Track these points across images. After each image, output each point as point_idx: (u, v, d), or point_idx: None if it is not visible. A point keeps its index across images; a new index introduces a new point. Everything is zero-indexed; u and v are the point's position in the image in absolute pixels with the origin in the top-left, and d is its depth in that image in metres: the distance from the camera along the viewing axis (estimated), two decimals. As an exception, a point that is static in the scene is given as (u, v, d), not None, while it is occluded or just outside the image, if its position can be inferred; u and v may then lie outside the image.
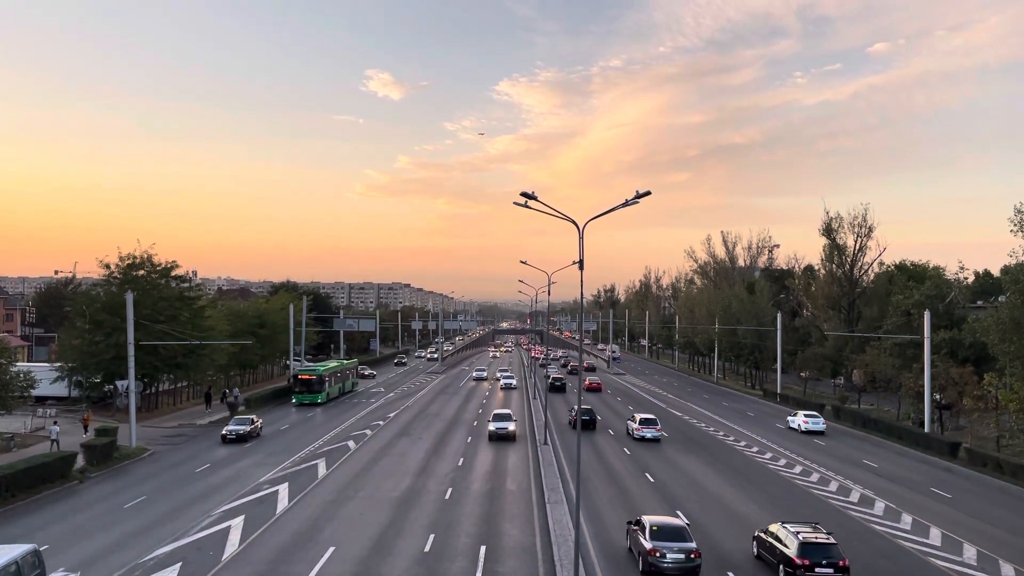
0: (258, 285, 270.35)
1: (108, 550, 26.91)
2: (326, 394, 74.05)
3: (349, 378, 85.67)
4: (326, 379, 74.67)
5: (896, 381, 65.94)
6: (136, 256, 61.81)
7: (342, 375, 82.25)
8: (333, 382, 77.63)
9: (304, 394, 72.50)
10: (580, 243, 25.92)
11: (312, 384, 72.67)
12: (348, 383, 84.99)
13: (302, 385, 72.85)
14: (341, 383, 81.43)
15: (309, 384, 72.66)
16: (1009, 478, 43.09)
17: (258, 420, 54.09)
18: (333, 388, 77.53)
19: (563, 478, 39.35)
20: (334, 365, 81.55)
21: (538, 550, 27.13)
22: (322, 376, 73.87)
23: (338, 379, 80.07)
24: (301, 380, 73.34)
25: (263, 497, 34.80)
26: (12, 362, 49.81)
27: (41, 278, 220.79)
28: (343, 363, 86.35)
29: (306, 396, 72.30)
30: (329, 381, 75.71)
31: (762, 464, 45.71)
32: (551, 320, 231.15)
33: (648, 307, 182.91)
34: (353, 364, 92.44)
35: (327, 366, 79.20)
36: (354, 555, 26.14)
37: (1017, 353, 46.91)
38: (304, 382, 73.04)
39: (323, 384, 73.46)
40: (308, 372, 74.74)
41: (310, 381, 72.89)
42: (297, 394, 72.80)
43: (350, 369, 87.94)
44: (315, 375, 73.52)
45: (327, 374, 75.60)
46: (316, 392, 72.46)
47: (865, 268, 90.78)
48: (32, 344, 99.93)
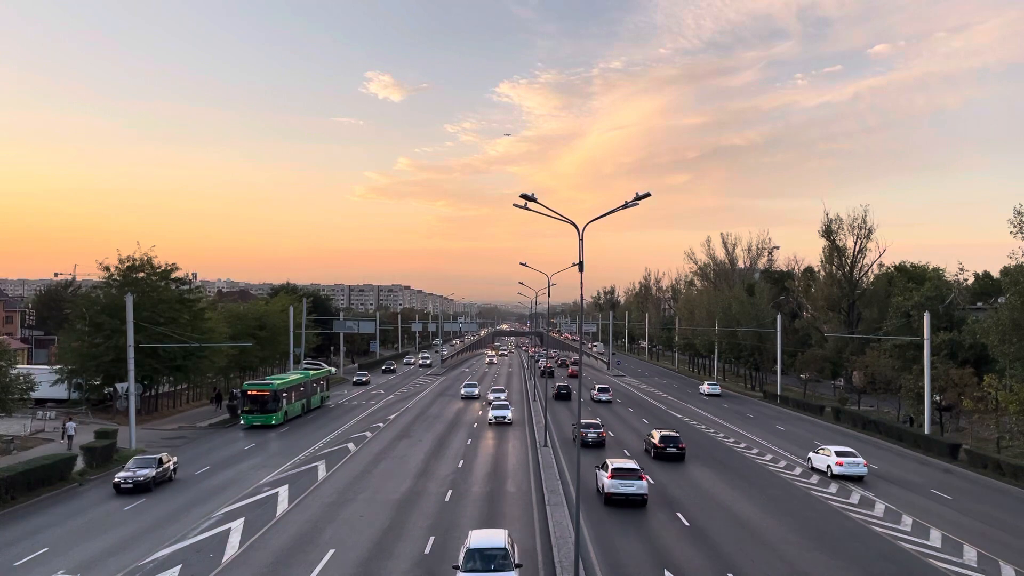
0: (258, 287, 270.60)
1: (108, 552, 26.89)
2: (283, 413, 61.10)
3: (318, 391, 72.60)
4: (283, 395, 61.43)
5: (896, 383, 65.95)
6: (136, 258, 61.87)
7: (307, 388, 68.87)
8: (294, 397, 64.54)
9: (255, 414, 58.97)
10: (580, 245, 25.93)
11: (265, 401, 59.16)
12: (317, 397, 72.17)
13: (252, 403, 59.06)
14: (306, 398, 68.13)
15: (261, 402, 59.08)
16: (1009, 479, 43.07)
17: (170, 459, 39.71)
18: (294, 405, 64.48)
19: (563, 480, 39.33)
20: (296, 377, 67.35)
21: (538, 552, 27.11)
22: (278, 392, 60.19)
23: (301, 394, 66.67)
24: (250, 397, 59.32)
25: (263, 499, 34.78)
26: (12, 364, 49.82)
27: (41, 280, 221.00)
28: (308, 374, 71.92)
29: (257, 417, 58.86)
30: (288, 397, 62.69)
31: (762, 466, 45.70)
32: (551, 322, 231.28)
33: (648, 309, 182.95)
34: (324, 374, 77.78)
35: (286, 379, 64.56)
36: (354, 557, 26.12)
37: (1017, 354, 46.94)
38: (254, 399, 59.16)
39: (279, 402, 60.17)
40: (259, 387, 60.35)
41: (262, 398, 59.13)
42: (246, 414, 59.09)
43: (319, 380, 73.96)
44: (268, 390, 59.58)
45: (285, 389, 62.33)
46: (270, 412, 59.07)
47: (865, 270, 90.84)
48: (32, 346, 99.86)
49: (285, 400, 61.69)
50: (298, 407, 65.40)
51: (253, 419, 58.93)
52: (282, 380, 63.21)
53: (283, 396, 61.35)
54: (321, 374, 75.67)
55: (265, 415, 59.03)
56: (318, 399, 72.54)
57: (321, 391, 73.70)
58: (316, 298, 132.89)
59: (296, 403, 64.83)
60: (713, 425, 64.47)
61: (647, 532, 30.03)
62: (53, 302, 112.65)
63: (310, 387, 69.75)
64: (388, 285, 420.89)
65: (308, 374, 71.33)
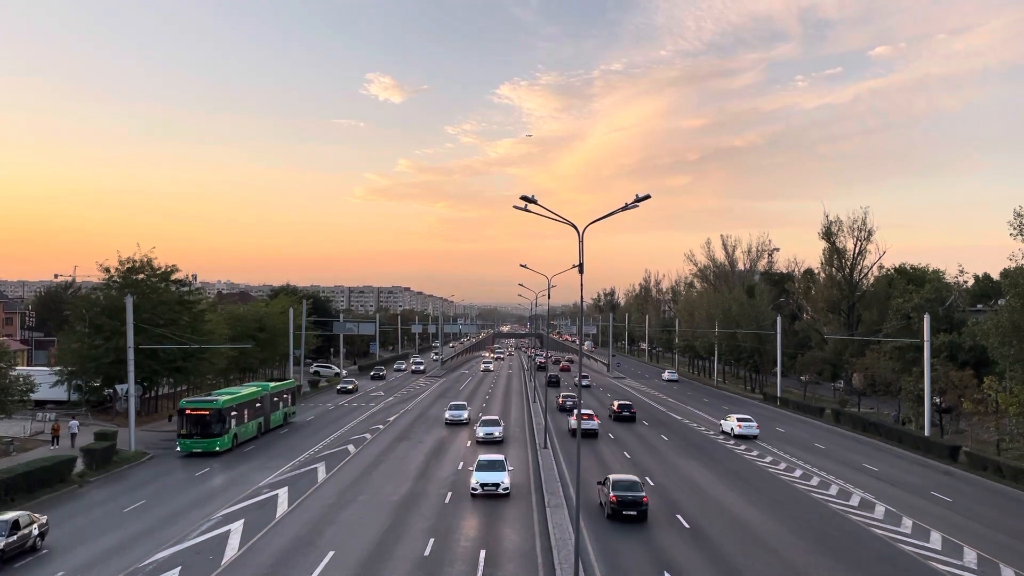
0: (258, 289, 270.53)
1: (107, 554, 26.88)
2: (231, 437, 49.42)
3: (280, 407, 60.50)
4: (232, 414, 49.86)
5: (896, 385, 65.96)
6: (136, 260, 61.89)
7: (265, 404, 56.91)
8: (247, 416, 52.74)
9: (194, 439, 47.36)
10: (580, 247, 25.94)
11: (207, 423, 47.50)
12: (278, 414, 59.95)
13: (191, 425, 47.58)
14: (263, 416, 56.16)
15: (202, 424, 47.51)
16: (1009, 482, 43.03)
17: (33, 521, 27.48)
18: (247, 426, 52.71)
19: (563, 482, 39.32)
20: (250, 391, 55.58)
21: (538, 554, 27.10)
22: (224, 410, 48.35)
23: (257, 411, 54.89)
24: (189, 418, 47.73)
25: (263, 501, 34.78)
26: (12, 366, 49.86)
27: (41, 282, 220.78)
28: (268, 386, 59.95)
29: (198, 443, 47.27)
30: (238, 416, 51.11)
31: (762, 468, 45.68)
32: (551, 323, 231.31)
33: (648, 311, 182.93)
34: (288, 386, 64.64)
35: (236, 394, 53.12)
36: (354, 559, 26.11)
37: (1017, 356, 46.90)
38: (194, 420, 47.57)
39: (226, 423, 48.55)
40: (199, 404, 48.55)
41: (204, 419, 47.60)
42: (183, 439, 47.54)
43: (282, 393, 61.73)
44: (211, 408, 47.90)
45: (235, 406, 50.59)
46: (214, 436, 47.44)
47: (865, 271, 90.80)
48: (32, 348, 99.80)
49: (234, 420, 50.18)
50: (252, 428, 53.76)
51: (192, 445, 47.25)
52: (231, 396, 51.66)
53: (231, 416, 49.62)
54: (283, 387, 63.14)
55: (207, 440, 47.29)
56: (280, 416, 60.31)
57: (285, 406, 61.68)
58: (316, 300, 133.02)
59: (250, 423, 53.23)
60: (714, 428, 64.36)
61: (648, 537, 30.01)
62: (53, 303, 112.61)
63: (269, 403, 57.69)
64: (388, 287, 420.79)
65: (267, 386, 59.52)
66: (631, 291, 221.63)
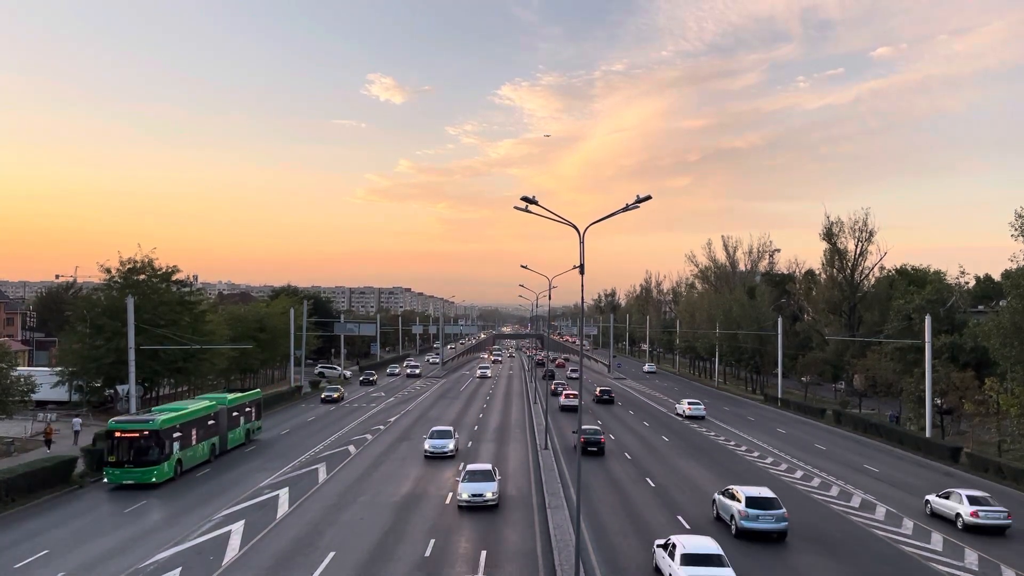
0: (259, 289, 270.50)
1: (108, 555, 26.90)
2: (174, 463, 39.87)
3: (241, 423, 51.08)
4: (174, 436, 40.28)
5: (897, 386, 65.92)
6: (137, 260, 61.93)
7: (219, 422, 47.21)
8: (196, 437, 43.13)
9: (125, 468, 37.82)
10: (581, 247, 25.95)
11: (142, 448, 38.03)
12: (238, 432, 50.54)
13: (123, 451, 37.94)
14: (216, 436, 46.55)
15: (136, 449, 37.97)
16: (1010, 483, 42.99)
17: None
18: (195, 449, 43.14)
19: (563, 483, 39.33)
20: (200, 407, 45.13)
21: (538, 555, 27.11)
22: (161, 432, 38.70)
23: (209, 430, 45.43)
24: (119, 441, 38.00)
25: (264, 502, 34.80)
26: (12, 366, 49.90)
27: (42, 282, 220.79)
28: (225, 399, 49.25)
29: (129, 473, 37.81)
30: (184, 438, 41.46)
31: (763, 469, 45.65)
32: (552, 324, 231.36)
33: (649, 311, 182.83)
34: (250, 398, 53.93)
35: (181, 410, 42.68)
36: (354, 560, 26.12)
37: (1018, 358, 46.88)
38: (126, 445, 37.98)
39: (166, 447, 39.00)
40: (132, 426, 38.59)
41: (138, 443, 38.01)
42: (111, 468, 37.90)
43: (243, 407, 51.82)
44: (147, 430, 38.29)
45: (177, 426, 40.75)
46: (150, 463, 38.02)
47: (866, 272, 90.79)
48: (32, 348, 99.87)
49: (178, 443, 40.65)
50: (204, 450, 44.42)
51: (122, 476, 37.75)
52: (174, 413, 41.74)
53: (174, 437, 40.25)
54: (244, 399, 52.58)
55: (142, 469, 37.79)
56: (240, 434, 50.94)
57: (247, 421, 52.48)
58: (317, 300, 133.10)
59: (201, 445, 43.87)
60: (714, 429, 64.38)
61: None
62: (54, 304, 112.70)
63: (226, 418, 48.25)
64: (389, 287, 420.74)
65: (224, 399, 49.14)
66: (632, 292, 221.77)
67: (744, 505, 29.95)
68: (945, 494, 34.59)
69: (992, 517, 32.31)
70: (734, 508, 30.43)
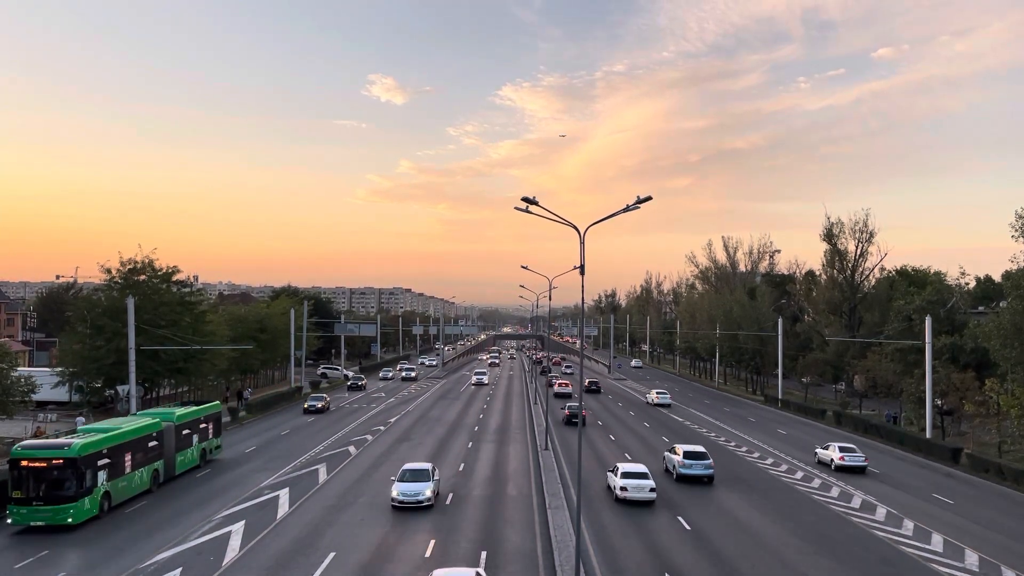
0: (259, 290, 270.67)
1: (108, 555, 26.91)
2: (98, 498, 32.20)
3: (194, 442, 42.95)
4: (97, 464, 32.44)
5: (897, 387, 65.90)
6: (137, 261, 61.89)
7: (164, 443, 39.54)
8: (130, 463, 35.53)
9: (33, 507, 30.39)
10: (581, 248, 25.94)
11: (56, 480, 30.74)
12: (190, 453, 42.45)
13: (32, 483, 30.55)
14: (160, 460, 38.91)
15: (49, 481, 30.72)
16: (1011, 484, 43.00)
17: None
18: (130, 478, 35.58)
19: (564, 483, 39.33)
20: (135, 427, 37.16)
21: (539, 555, 27.11)
22: (81, 460, 31.16)
23: (149, 453, 37.73)
24: (27, 472, 30.64)
25: (264, 502, 34.80)
26: (13, 367, 49.92)
27: (42, 283, 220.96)
28: (171, 415, 41.17)
29: (39, 512, 30.38)
30: (112, 465, 33.65)
31: (763, 470, 45.66)
32: (552, 325, 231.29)
33: (649, 312, 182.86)
34: (207, 412, 45.85)
35: (110, 431, 34.99)
36: (355, 561, 26.12)
37: (1019, 359, 46.89)
38: (36, 476, 30.68)
39: (85, 479, 31.29)
40: (43, 453, 31.17)
41: (50, 474, 30.76)
42: (16, 507, 30.39)
43: (196, 423, 43.69)
44: (60, 458, 30.95)
45: (104, 451, 33.10)
46: (66, 500, 30.46)
47: (866, 273, 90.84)
48: (33, 349, 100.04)
49: (105, 472, 32.95)
50: (142, 478, 36.77)
51: (29, 516, 30.31)
52: (101, 435, 33.91)
53: (98, 465, 32.49)
54: (198, 413, 44.46)
55: (55, 507, 30.35)
56: (193, 455, 42.96)
57: (203, 440, 44.41)
58: (317, 301, 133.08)
59: (138, 472, 36.26)
60: (715, 429, 64.39)
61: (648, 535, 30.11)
62: (54, 304, 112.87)
63: (174, 438, 40.40)
64: (389, 288, 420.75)
65: (172, 415, 41.21)
66: (632, 292, 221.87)
67: (682, 457, 40.72)
68: (825, 446, 47.71)
69: (854, 460, 44.66)
70: (675, 460, 41.29)
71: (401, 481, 33.91)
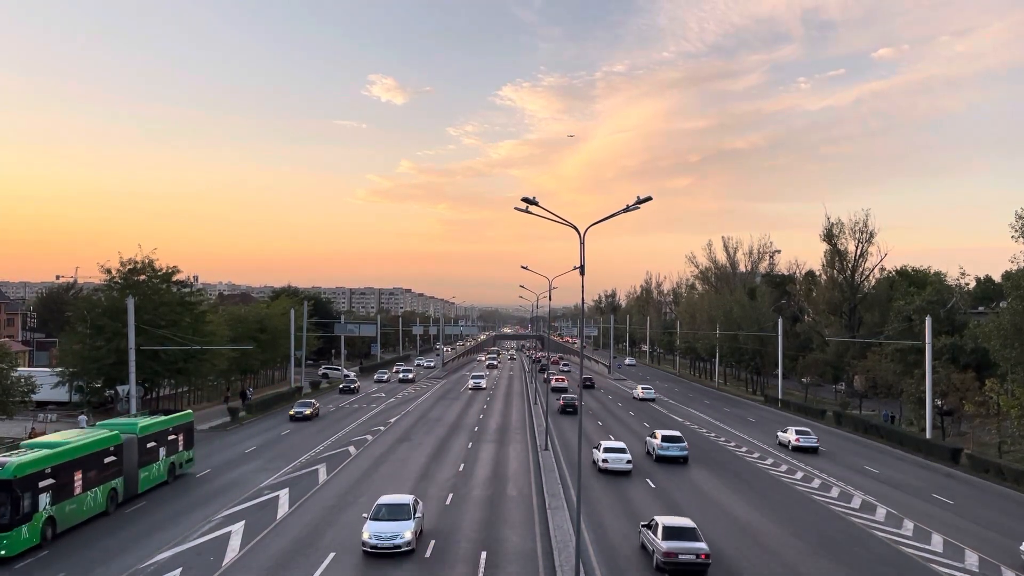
0: (259, 290, 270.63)
1: (108, 555, 26.91)
2: (39, 525, 28.07)
3: (160, 456, 38.09)
4: (38, 486, 28.45)
5: (897, 387, 65.89)
6: (137, 261, 61.93)
7: (125, 458, 34.93)
8: (80, 483, 31.25)
9: None
10: (581, 248, 25.95)
11: None
12: (157, 467, 37.76)
13: None
14: (117, 478, 34.18)
15: None
16: (1011, 484, 43.00)
17: None
18: (81, 501, 31.31)
19: (564, 484, 39.34)
20: (88, 441, 32.86)
21: (539, 555, 27.12)
22: (16, 482, 27.16)
23: (105, 471, 33.18)
24: None
25: (264, 502, 34.79)
26: (13, 367, 49.93)
27: (42, 283, 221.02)
28: (134, 427, 36.72)
29: None
30: (58, 487, 29.66)
31: (763, 470, 45.68)
32: (552, 325, 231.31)
33: (649, 312, 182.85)
34: (177, 422, 40.84)
35: (57, 447, 30.97)
36: (355, 561, 26.12)
37: (1019, 359, 46.87)
38: None
39: (21, 504, 27.09)
40: None
41: None
42: None
43: (163, 435, 38.85)
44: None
45: (47, 470, 29.22)
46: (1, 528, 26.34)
47: (866, 274, 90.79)
48: (33, 349, 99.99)
49: (48, 494, 28.98)
50: (94, 501, 32.13)
51: None
52: (45, 452, 30.01)
53: (39, 488, 28.49)
54: (168, 423, 39.72)
55: None
56: (159, 471, 38.21)
57: (170, 453, 39.50)
58: (317, 301, 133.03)
59: (90, 493, 31.87)
60: (715, 429, 64.39)
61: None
62: (54, 305, 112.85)
63: (136, 452, 35.82)
64: (389, 288, 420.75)
65: (134, 426, 36.69)
66: (632, 293, 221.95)
67: (660, 440, 47.34)
68: (784, 430, 56.31)
69: (807, 442, 52.77)
70: (654, 443, 47.86)
71: (375, 519, 27.56)
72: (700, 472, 44.11)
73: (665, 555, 25.01)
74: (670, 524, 26.36)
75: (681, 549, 24.98)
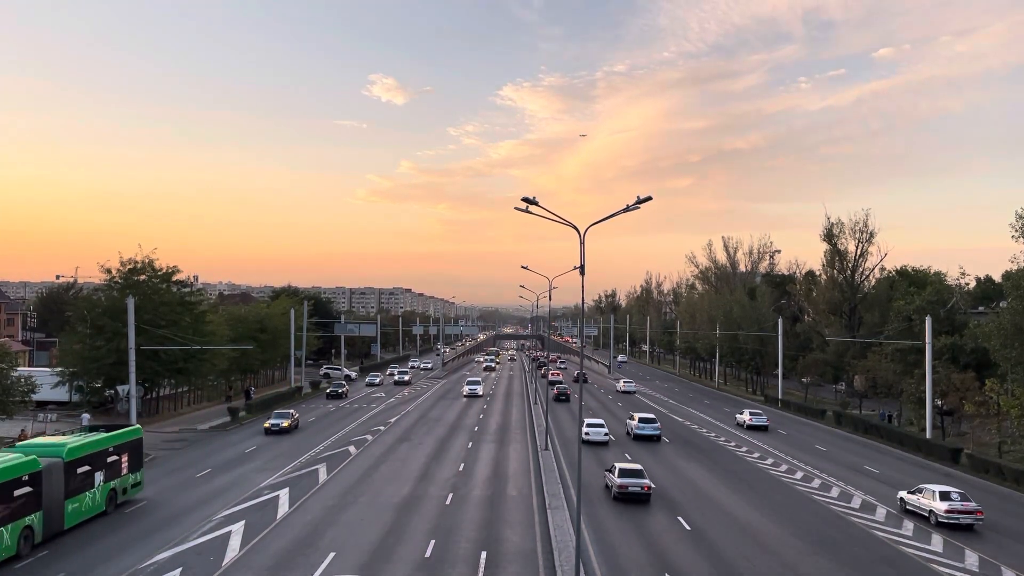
0: (259, 290, 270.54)
1: (108, 555, 26.90)
2: None
3: (95, 482, 31.81)
4: None
5: (897, 387, 65.88)
6: (137, 261, 62.01)
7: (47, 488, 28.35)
8: None
9: None
10: (581, 248, 25.95)
11: None
12: (93, 495, 31.62)
13: None
14: (32, 514, 27.28)
15: None
16: (1011, 484, 42.99)
17: None
18: None
19: (563, 483, 39.34)
20: None
21: (539, 555, 27.12)
22: None
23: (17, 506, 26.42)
24: None
25: (264, 502, 34.79)
26: (13, 367, 49.94)
27: (42, 283, 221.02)
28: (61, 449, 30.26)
29: None
30: None
31: (762, 469, 45.67)
32: (552, 325, 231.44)
33: (649, 312, 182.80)
34: (120, 440, 34.45)
35: None
36: (355, 561, 26.12)
37: (1019, 359, 46.89)
38: None
39: None
40: None
41: None
42: None
43: (102, 456, 32.70)
44: None
45: None
46: None
47: (866, 274, 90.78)
48: (33, 349, 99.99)
49: None
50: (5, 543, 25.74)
51: None
52: None
53: None
54: (107, 442, 33.45)
55: None
56: (95, 500, 32.01)
57: (111, 478, 33.33)
58: (317, 301, 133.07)
59: None
60: (715, 429, 64.42)
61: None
62: (54, 304, 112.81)
63: (60, 481, 29.49)
64: (389, 288, 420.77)
65: (61, 448, 30.43)
66: (632, 293, 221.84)
67: (637, 422, 55.95)
68: (740, 411, 67.07)
69: (758, 421, 63.72)
70: (632, 424, 56.82)
71: None
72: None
73: (619, 487, 35.18)
74: (623, 467, 36.95)
75: (631, 484, 35.15)
